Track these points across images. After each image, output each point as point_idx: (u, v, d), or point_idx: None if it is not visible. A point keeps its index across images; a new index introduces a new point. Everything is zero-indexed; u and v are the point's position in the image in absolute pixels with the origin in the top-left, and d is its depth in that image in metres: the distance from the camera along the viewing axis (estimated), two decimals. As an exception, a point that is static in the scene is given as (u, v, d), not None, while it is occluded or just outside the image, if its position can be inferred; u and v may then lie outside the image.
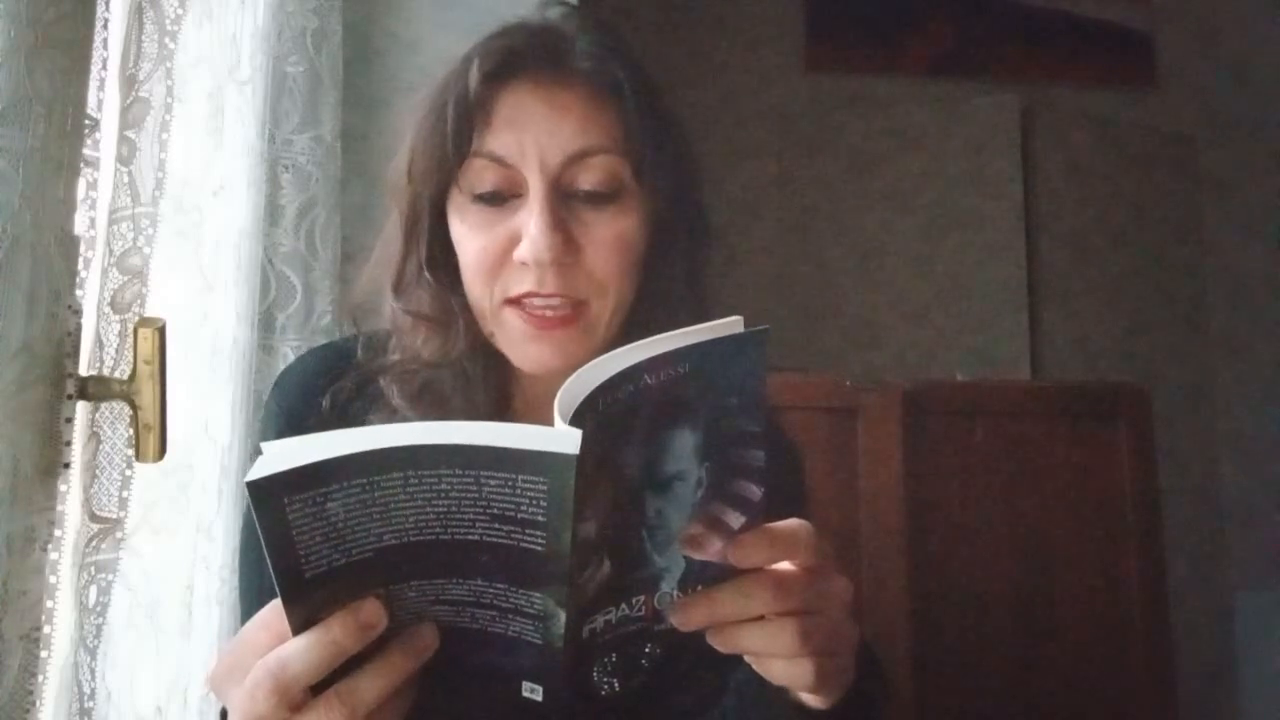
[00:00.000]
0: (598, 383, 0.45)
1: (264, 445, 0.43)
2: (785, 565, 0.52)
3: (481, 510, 0.44)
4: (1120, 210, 2.71)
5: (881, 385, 1.38)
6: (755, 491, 0.51)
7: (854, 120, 2.87)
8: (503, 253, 0.66)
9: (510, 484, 0.43)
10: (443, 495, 0.44)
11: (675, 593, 0.52)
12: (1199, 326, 2.81)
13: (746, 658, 0.54)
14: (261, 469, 0.41)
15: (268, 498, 0.42)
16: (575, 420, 0.43)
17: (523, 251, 0.64)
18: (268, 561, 0.44)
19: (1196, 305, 2.81)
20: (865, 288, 2.77)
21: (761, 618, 0.52)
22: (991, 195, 2.66)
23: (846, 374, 1.40)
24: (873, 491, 1.35)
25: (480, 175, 0.67)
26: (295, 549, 0.43)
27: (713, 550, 0.51)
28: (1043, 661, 1.37)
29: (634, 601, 0.52)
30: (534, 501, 0.43)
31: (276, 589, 0.45)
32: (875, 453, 1.36)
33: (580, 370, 0.45)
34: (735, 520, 0.51)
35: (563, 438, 0.42)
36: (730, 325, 0.48)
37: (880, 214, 2.78)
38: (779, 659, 0.52)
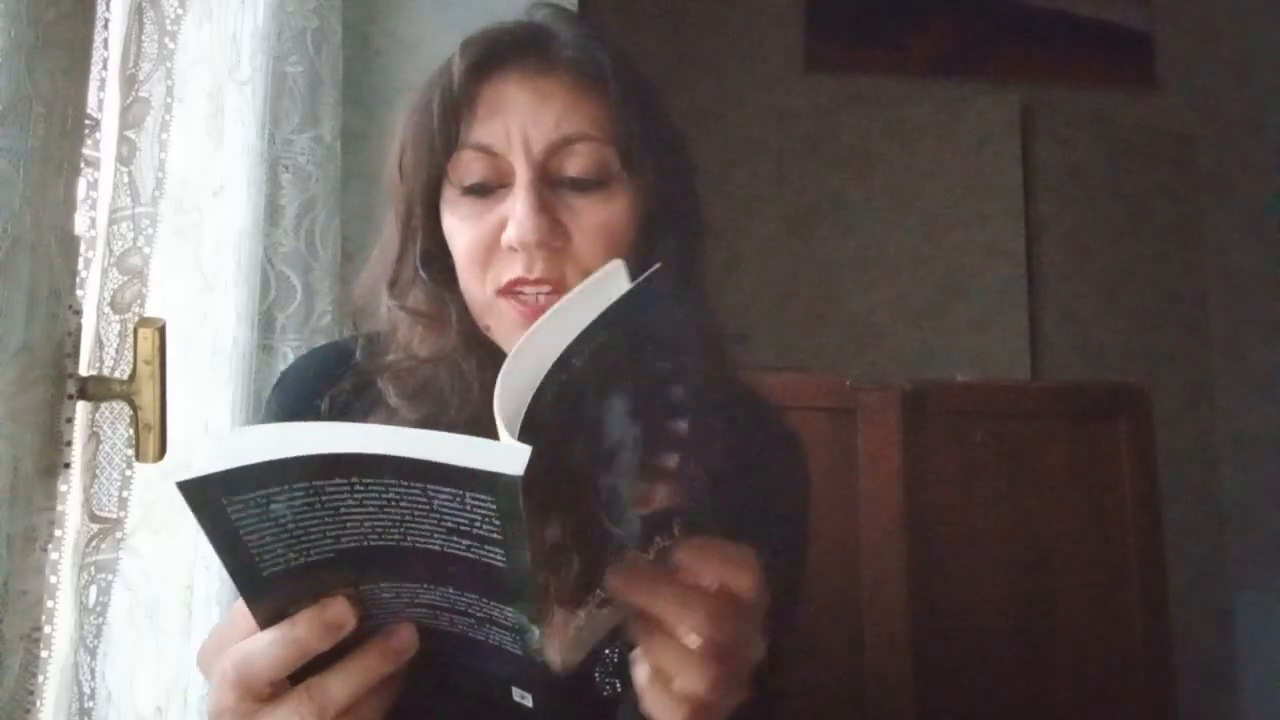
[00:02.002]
0: (534, 385, 0.43)
1: (210, 439, 0.42)
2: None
3: (436, 523, 0.42)
4: (1120, 210, 2.71)
5: (881, 385, 1.38)
6: (681, 426, 0.51)
7: (854, 120, 2.87)
8: (492, 241, 0.66)
9: (459, 499, 0.41)
10: (393, 504, 0.42)
11: (639, 554, 0.51)
12: (1199, 326, 2.81)
13: (635, 673, 0.51)
14: (196, 468, 0.40)
15: (204, 499, 0.40)
16: (525, 434, 0.41)
17: (509, 235, 0.65)
18: (220, 562, 0.43)
19: (1196, 305, 2.81)
20: (865, 288, 2.77)
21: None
22: (991, 195, 2.66)
23: (846, 374, 1.40)
24: (873, 491, 1.35)
25: (469, 167, 0.67)
26: (247, 548, 0.42)
27: (660, 497, 0.51)
28: (1043, 662, 1.37)
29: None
30: (486, 519, 0.41)
31: (235, 588, 0.45)
32: (875, 453, 1.36)
33: (506, 370, 0.44)
34: (672, 460, 0.51)
35: (507, 456, 0.40)
36: (613, 273, 0.48)
37: (880, 214, 2.78)
38: (662, 694, 0.50)
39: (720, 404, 0.60)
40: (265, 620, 0.46)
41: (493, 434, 0.43)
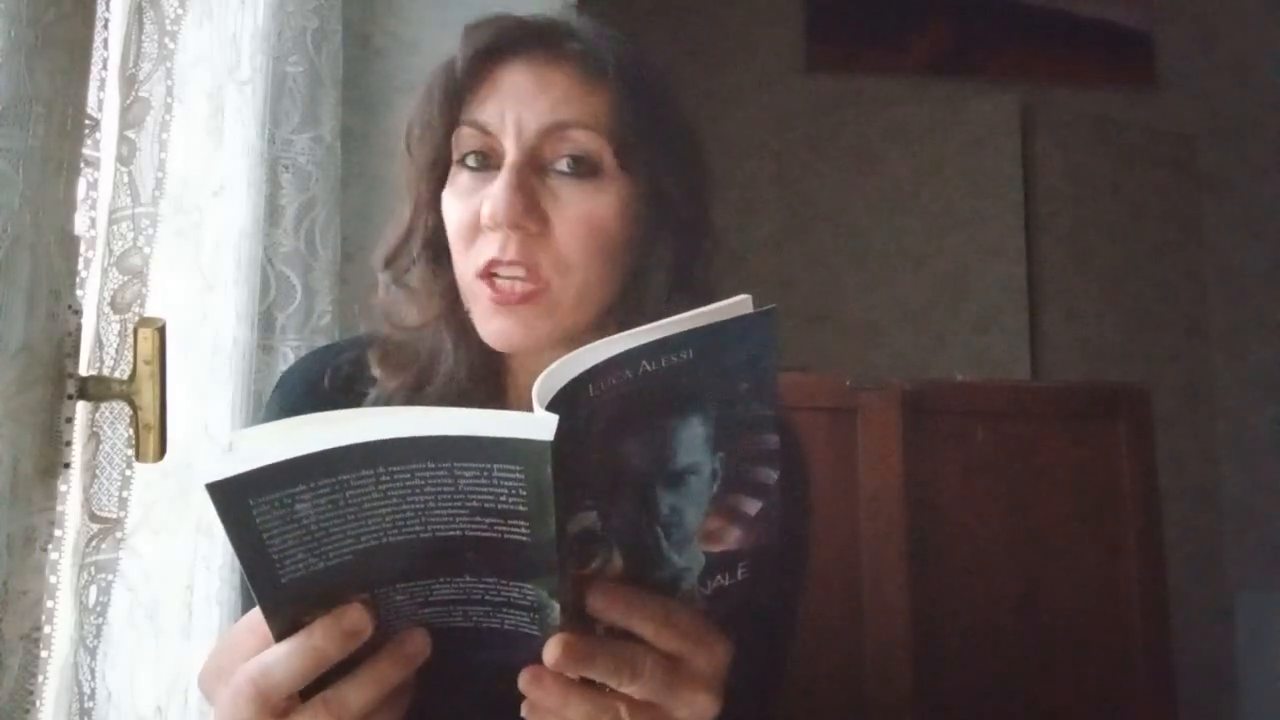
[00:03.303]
0: (583, 368, 0.43)
1: (233, 435, 0.42)
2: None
3: (460, 504, 0.42)
4: (1120, 210, 2.71)
5: (881, 385, 1.38)
6: (770, 476, 0.50)
7: (854, 120, 2.87)
8: (476, 220, 0.67)
9: (485, 474, 0.41)
10: (417, 491, 0.42)
11: (697, 589, 0.51)
12: (1199, 326, 2.81)
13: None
14: (222, 469, 0.39)
15: (231, 501, 0.40)
16: (557, 406, 0.42)
17: (484, 210, 0.65)
18: (240, 568, 0.42)
19: (1196, 305, 2.81)
20: (865, 288, 2.77)
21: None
22: (991, 195, 2.66)
23: (846, 374, 1.40)
24: (873, 491, 1.35)
25: (465, 144, 0.68)
26: (268, 553, 0.42)
27: (732, 539, 0.50)
28: (1042, 661, 1.37)
29: None
30: (513, 491, 0.42)
31: (253, 595, 0.44)
32: (875, 453, 1.36)
33: (568, 356, 0.44)
34: (752, 507, 0.50)
35: (536, 424, 0.40)
36: (737, 306, 0.46)
37: (880, 214, 2.78)
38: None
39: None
40: (281, 631, 0.45)
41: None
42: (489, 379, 0.72)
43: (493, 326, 0.67)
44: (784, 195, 2.89)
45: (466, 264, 0.68)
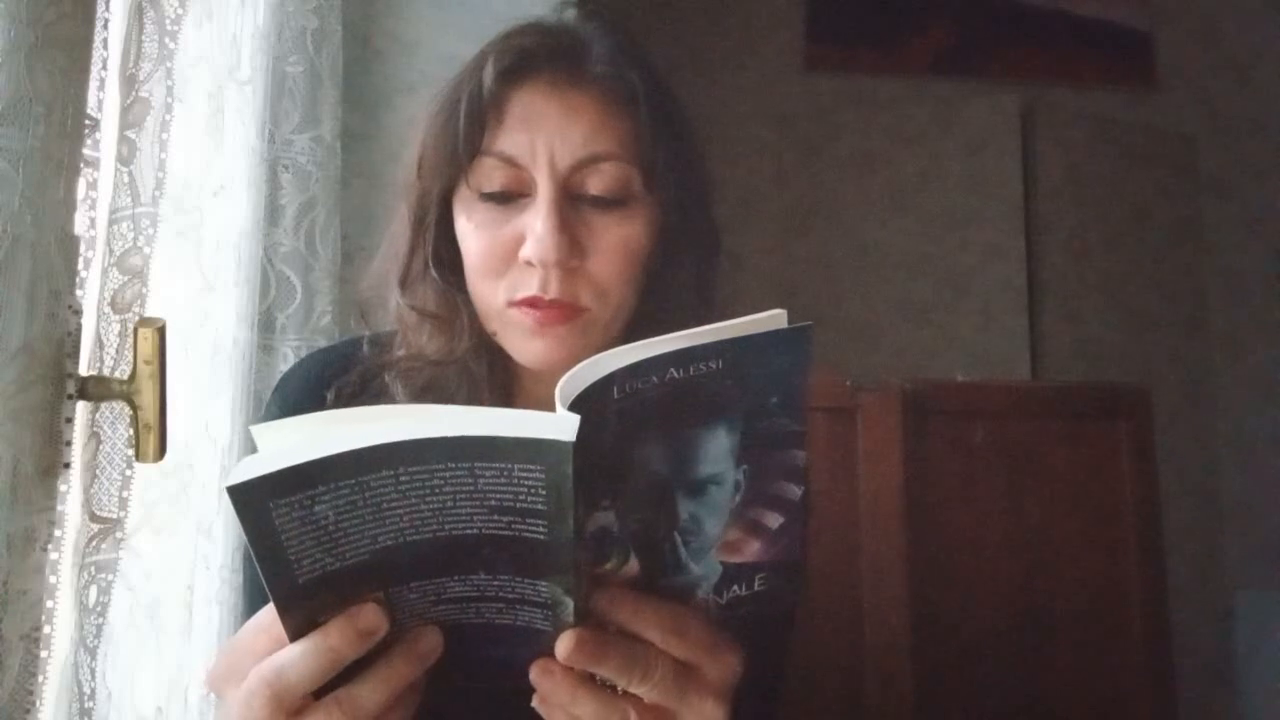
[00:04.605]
0: (607, 371, 0.44)
1: (254, 429, 0.41)
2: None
3: (479, 503, 0.43)
4: (1120, 210, 2.71)
5: (881, 385, 1.38)
6: (795, 492, 0.50)
7: (854, 120, 2.87)
8: (508, 253, 0.66)
9: (506, 474, 0.41)
10: (436, 491, 0.42)
11: (712, 598, 0.51)
12: (1199, 326, 2.81)
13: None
14: (244, 471, 0.40)
15: (251, 502, 0.40)
16: (579, 407, 0.42)
17: (528, 251, 0.65)
18: (257, 569, 0.42)
19: (1196, 305, 2.81)
20: (865, 288, 2.77)
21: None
22: (991, 195, 2.66)
23: (846, 374, 1.40)
24: (873, 491, 1.35)
25: (490, 174, 0.67)
26: (286, 554, 0.42)
27: (751, 552, 0.50)
28: (1043, 661, 1.37)
29: None
30: (532, 490, 0.42)
31: (269, 596, 0.44)
32: (875, 453, 1.36)
33: (593, 358, 0.44)
34: (774, 521, 0.50)
35: (558, 424, 0.40)
36: (772, 319, 0.46)
37: (880, 214, 2.78)
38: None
39: None
40: (295, 631, 0.45)
41: None
42: (504, 398, 0.72)
43: (532, 347, 0.67)
44: (784, 195, 2.89)
45: (495, 293, 0.67)
